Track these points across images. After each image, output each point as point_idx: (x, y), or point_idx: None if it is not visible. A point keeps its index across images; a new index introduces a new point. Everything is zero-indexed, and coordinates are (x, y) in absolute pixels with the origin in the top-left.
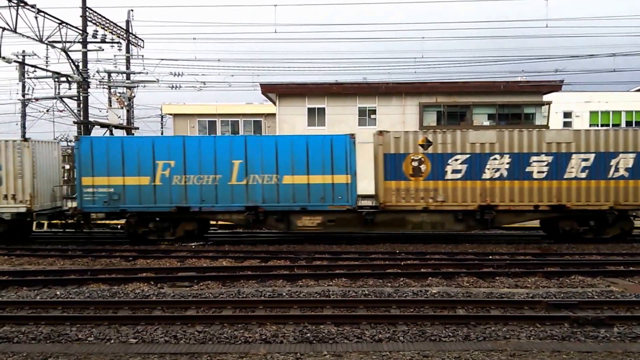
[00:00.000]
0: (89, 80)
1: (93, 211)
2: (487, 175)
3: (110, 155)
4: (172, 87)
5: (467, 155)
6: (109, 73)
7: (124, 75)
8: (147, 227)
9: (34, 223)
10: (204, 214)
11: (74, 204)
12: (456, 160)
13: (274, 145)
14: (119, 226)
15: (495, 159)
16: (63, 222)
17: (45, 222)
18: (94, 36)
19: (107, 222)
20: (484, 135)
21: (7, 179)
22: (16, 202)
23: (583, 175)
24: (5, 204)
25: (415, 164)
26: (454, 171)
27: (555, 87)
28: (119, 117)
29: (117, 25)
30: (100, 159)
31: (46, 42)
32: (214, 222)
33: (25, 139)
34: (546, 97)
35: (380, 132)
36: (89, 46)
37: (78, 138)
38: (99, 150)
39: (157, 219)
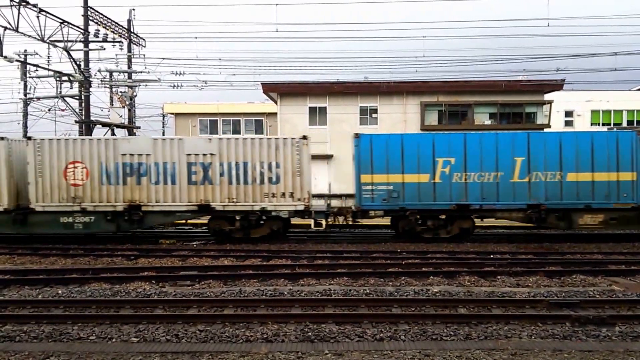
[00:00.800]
0: (90, 79)
1: (372, 209)
2: None
3: (390, 152)
4: (174, 86)
5: None
6: (111, 72)
7: (126, 74)
8: (425, 225)
9: (312, 222)
10: (483, 211)
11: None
12: None
13: (558, 142)
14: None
15: None
16: (346, 220)
17: (324, 221)
18: (96, 35)
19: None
20: None
21: (284, 177)
22: (294, 200)
23: None
24: (283, 202)
25: None
26: None
27: (557, 86)
28: (121, 116)
29: (118, 25)
30: (379, 156)
31: (48, 41)
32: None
33: (304, 137)
34: (547, 96)
35: None
36: (91, 45)
37: (358, 136)
38: (378, 148)
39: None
